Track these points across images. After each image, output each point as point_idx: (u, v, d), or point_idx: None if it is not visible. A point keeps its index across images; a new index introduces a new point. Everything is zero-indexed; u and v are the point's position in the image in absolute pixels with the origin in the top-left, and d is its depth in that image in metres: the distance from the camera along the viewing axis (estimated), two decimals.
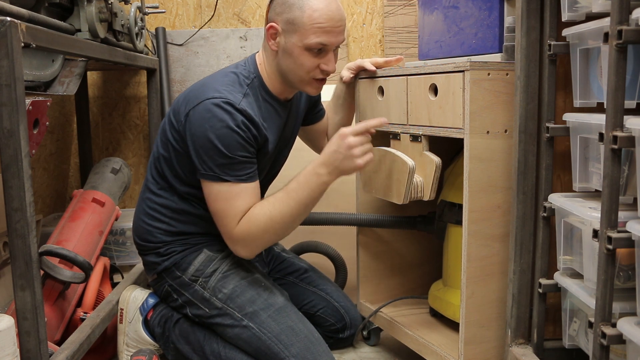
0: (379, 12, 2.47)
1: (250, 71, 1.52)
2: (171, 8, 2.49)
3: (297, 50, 1.44)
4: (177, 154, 1.50)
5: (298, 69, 1.46)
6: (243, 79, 1.49)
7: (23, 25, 1.08)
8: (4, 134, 1.04)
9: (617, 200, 0.96)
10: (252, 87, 1.49)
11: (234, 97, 1.42)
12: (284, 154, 1.68)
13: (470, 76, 1.26)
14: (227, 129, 1.38)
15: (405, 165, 1.41)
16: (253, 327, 1.46)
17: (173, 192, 1.55)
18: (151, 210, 1.57)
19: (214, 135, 1.38)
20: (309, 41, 1.42)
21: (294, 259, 1.83)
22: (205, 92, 1.43)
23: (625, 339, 0.95)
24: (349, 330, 1.74)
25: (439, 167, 1.40)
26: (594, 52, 1.12)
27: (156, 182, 1.57)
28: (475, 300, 1.33)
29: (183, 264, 1.53)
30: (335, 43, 1.46)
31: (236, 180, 1.41)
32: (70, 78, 1.80)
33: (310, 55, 1.44)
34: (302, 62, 1.45)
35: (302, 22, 1.41)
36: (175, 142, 1.49)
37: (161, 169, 1.55)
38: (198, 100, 1.42)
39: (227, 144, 1.38)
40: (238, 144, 1.40)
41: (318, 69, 1.47)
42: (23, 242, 1.08)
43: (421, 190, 1.44)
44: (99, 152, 2.57)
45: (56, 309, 1.52)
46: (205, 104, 1.40)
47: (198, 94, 1.44)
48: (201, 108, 1.40)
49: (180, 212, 1.55)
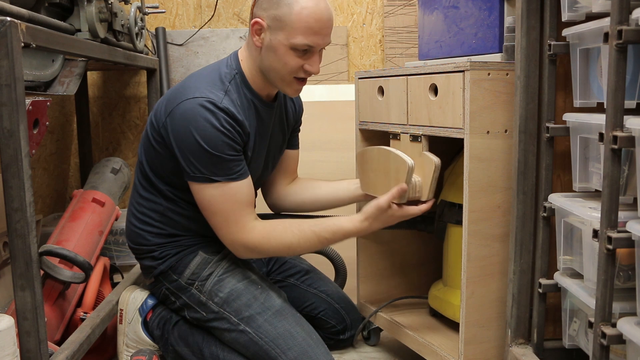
0: (379, 12, 2.47)
1: (232, 67, 1.48)
2: (171, 8, 2.49)
3: (282, 49, 1.40)
4: (158, 155, 1.47)
5: (281, 67, 1.42)
6: (225, 75, 1.46)
7: (23, 25, 1.08)
8: (4, 134, 1.04)
9: (617, 200, 0.96)
10: (233, 83, 1.46)
11: (216, 95, 1.39)
12: (273, 159, 1.65)
13: (470, 76, 1.26)
14: (211, 129, 1.36)
15: (404, 165, 1.40)
16: (250, 332, 1.45)
17: (158, 194, 1.53)
18: (139, 213, 1.56)
19: (199, 135, 1.36)
20: (296, 41, 1.38)
21: (294, 259, 1.82)
22: (186, 91, 1.41)
23: (625, 339, 0.95)
24: (350, 332, 1.73)
25: (438, 168, 1.39)
26: (594, 52, 1.12)
27: (142, 185, 1.55)
28: (475, 300, 1.33)
29: (179, 267, 1.52)
30: (321, 45, 1.42)
31: (226, 180, 1.39)
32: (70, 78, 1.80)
33: (295, 55, 1.40)
34: (286, 61, 1.41)
35: (289, 20, 1.37)
36: (156, 143, 1.47)
37: (145, 171, 1.53)
38: (179, 100, 1.39)
39: (213, 143, 1.36)
40: (224, 143, 1.37)
41: (301, 69, 1.43)
42: (23, 242, 1.08)
43: (419, 190, 1.43)
44: (99, 152, 2.57)
45: (56, 309, 1.52)
46: (186, 103, 1.38)
47: (178, 94, 1.42)
48: (182, 108, 1.38)
49: (168, 214, 1.53)
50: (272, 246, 1.44)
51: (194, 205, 1.48)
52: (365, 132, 1.72)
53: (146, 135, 1.51)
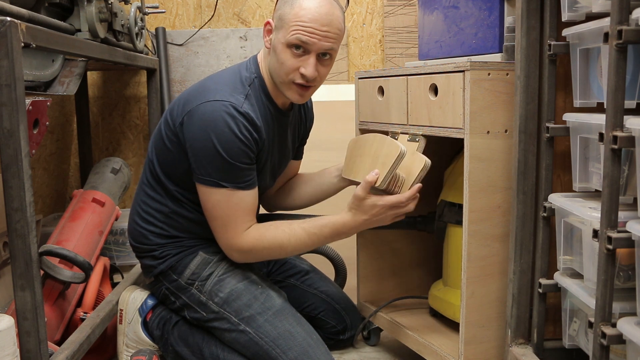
0: (379, 12, 2.47)
1: (251, 71, 1.48)
2: (171, 8, 2.49)
3: (280, 47, 1.40)
4: (171, 155, 1.47)
5: (279, 67, 1.42)
6: (245, 78, 1.46)
7: (23, 25, 1.08)
8: (4, 134, 1.04)
9: (617, 200, 0.96)
10: (253, 87, 1.46)
11: (236, 99, 1.39)
12: (279, 168, 1.64)
13: (470, 76, 1.26)
14: (230, 135, 1.35)
15: (396, 149, 1.36)
16: (250, 332, 1.45)
17: (166, 195, 1.53)
18: (144, 213, 1.56)
19: (217, 140, 1.35)
20: (289, 37, 1.37)
21: (295, 260, 1.82)
22: (207, 93, 1.40)
23: (625, 339, 0.95)
24: (350, 332, 1.74)
25: (427, 168, 1.38)
26: (594, 52, 1.12)
27: (150, 185, 1.55)
28: (475, 300, 1.33)
29: (179, 267, 1.52)
30: (317, 47, 1.39)
31: (234, 187, 1.39)
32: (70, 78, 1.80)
33: (290, 53, 1.39)
34: (283, 59, 1.40)
35: (287, 18, 1.38)
36: (169, 142, 1.46)
37: (154, 170, 1.53)
38: (199, 102, 1.39)
39: (230, 151, 1.36)
40: (240, 150, 1.37)
41: (297, 72, 1.41)
42: (23, 242, 1.08)
43: (401, 185, 1.41)
44: (99, 152, 2.57)
45: (56, 309, 1.52)
46: (206, 105, 1.37)
47: (198, 94, 1.41)
48: (203, 110, 1.37)
49: (173, 216, 1.53)
50: (265, 247, 1.44)
51: (200, 208, 1.48)
52: (365, 132, 1.72)
53: (159, 134, 1.50)
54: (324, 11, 1.38)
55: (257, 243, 1.44)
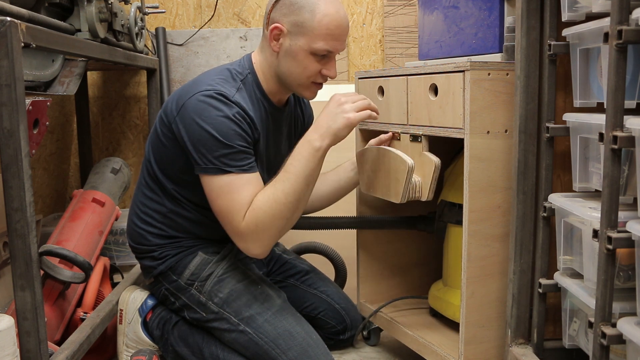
0: (379, 12, 2.47)
1: (244, 67, 1.50)
2: (171, 8, 2.49)
3: (302, 54, 1.43)
4: (168, 152, 1.47)
5: (300, 72, 1.45)
6: (236, 74, 1.47)
7: (23, 25, 1.08)
8: (4, 134, 1.04)
9: (617, 200, 0.96)
10: (246, 82, 1.47)
11: (227, 90, 1.40)
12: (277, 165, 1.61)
13: (470, 76, 1.26)
14: (223, 118, 1.36)
15: (404, 165, 1.41)
16: (250, 332, 1.45)
17: (164, 195, 1.53)
18: (143, 214, 1.56)
19: (210, 125, 1.35)
20: (317, 46, 1.41)
21: (295, 260, 1.82)
22: (197, 86, 1.41)
23: (625, 339, 0.95)
24: (350, 332, 1.74)
25: (438, 168, 1.40)
26: (594, 52, 1.12)
27: (147, 185, 1.55)
28: (475, 300, 1.33)
29: (178, 268, 1.52)
30: (340, 49, 1.46)
31: (239, 171, 1.37)
32: (70, 78, 1.80)
33: (314, 59, 1.44)
34: (306, 65, 1.44)
35: (311, 26, 1.40)
36: (165, 139, 1.47)
37: (152, 170, 1.53)
38: (190, 94, 1.40)
39: (224, 133, 1.35)
40: (235, 132, 1.37)
41: (319, 74, 1.46)
42: (23, 242, 1.08)
43: (419, 190, 1.43)
44: (99, 152, 2.57)
45: (56, 309, 1.52)
46: (197, 96, 1.38)
47: (189, 89, 1.42)
48: (194, 100, 1.38)
49: (171, 216, 1.53)
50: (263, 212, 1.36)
51: (198, 207, 1.48)
52: (365, 132, 1.72)
53: (155, 133, 1.51)
54: (342, 14, 1.44)
55: (255, 214, 1.36)
